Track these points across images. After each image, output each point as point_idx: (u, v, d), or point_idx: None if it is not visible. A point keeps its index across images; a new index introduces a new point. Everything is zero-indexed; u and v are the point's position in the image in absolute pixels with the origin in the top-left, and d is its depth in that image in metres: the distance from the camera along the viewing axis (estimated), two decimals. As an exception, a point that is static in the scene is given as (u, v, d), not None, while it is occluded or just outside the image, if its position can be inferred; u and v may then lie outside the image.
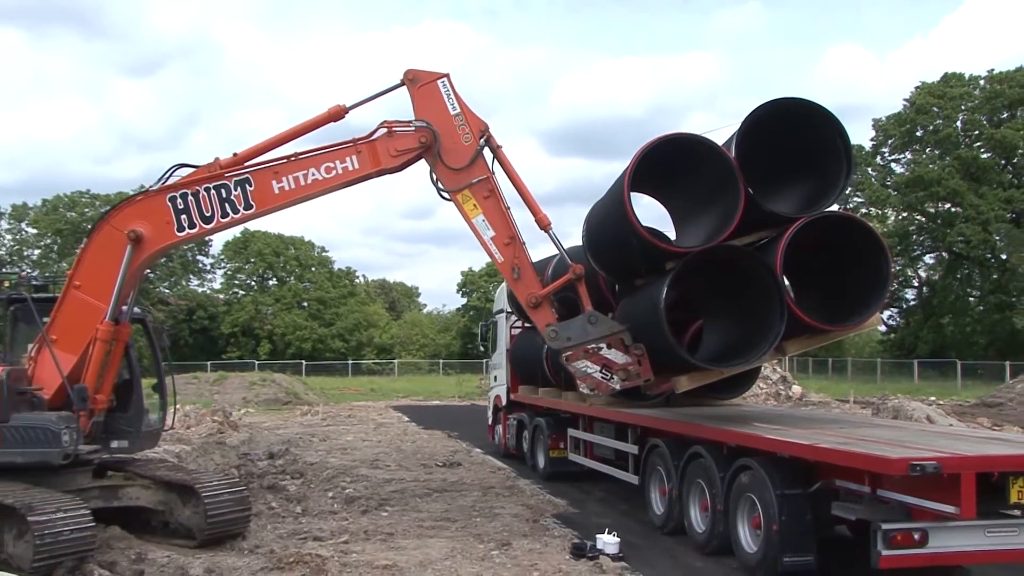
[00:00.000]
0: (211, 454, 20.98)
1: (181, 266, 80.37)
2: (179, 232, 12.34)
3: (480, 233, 12.14)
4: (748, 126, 11.73)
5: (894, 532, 9.03)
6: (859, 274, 12.18)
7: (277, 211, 12.61)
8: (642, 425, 14.24)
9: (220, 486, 12.82)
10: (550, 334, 11.95)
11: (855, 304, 12.24)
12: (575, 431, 17.56)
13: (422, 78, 12.28)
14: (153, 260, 13.13)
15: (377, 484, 17.82)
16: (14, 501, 10.84)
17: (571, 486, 17.65)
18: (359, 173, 12.32)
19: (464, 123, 12.20)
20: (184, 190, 12.24)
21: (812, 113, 11.90)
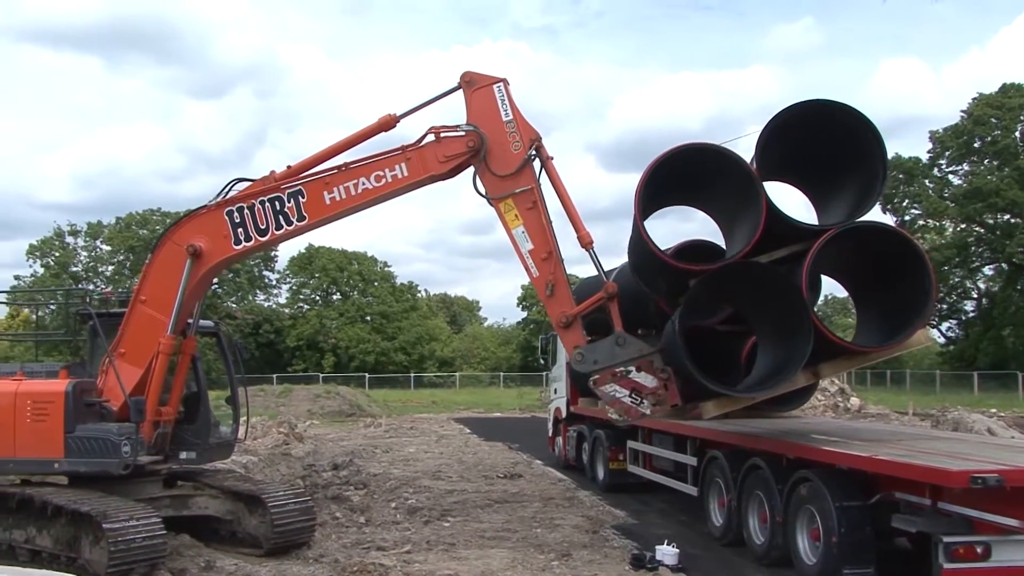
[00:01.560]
0: (277, 465, 21.32)
1: (248, 281, 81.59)
2: (236, 245, 12.45)
3: (518, 245, 11.79)
4: (770, 133, 11.00)
5: (956, 545, 8.97)
6: (902, 290, 11.34)
7: (330, 222, 12.58)
8: (701, 437, 14.26)
9: (286, 496, 13.05)
10: (576, 357, 11.52)
11: (898, 323, 11.41)
12: (634, 443, 17.59)
13: (478, 81, 12.04)
14: (213, 274, 13.23)
15: (439, 495, 17.98)
16: (90, 509, 11.19)
17: (631, 497, 17.67)
18: (408, 180, 12.13)
19: (515, 130, 11.89)
20: (240, 204, 12.36)
21: (842, 116, 11.13)
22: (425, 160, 12.08)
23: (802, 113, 11.00)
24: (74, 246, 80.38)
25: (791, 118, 10.96)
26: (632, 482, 18.06)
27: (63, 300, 21.32)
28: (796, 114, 10.99)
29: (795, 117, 10.99)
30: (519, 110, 12.00)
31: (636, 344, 11.45)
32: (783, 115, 10.95)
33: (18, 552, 12.33)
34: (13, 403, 12.60)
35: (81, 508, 11.31)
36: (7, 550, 12.50)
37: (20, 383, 12.88)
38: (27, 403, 12.54)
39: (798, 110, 10.98)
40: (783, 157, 11.47)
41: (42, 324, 46.05)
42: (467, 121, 12.03)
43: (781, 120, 10.95)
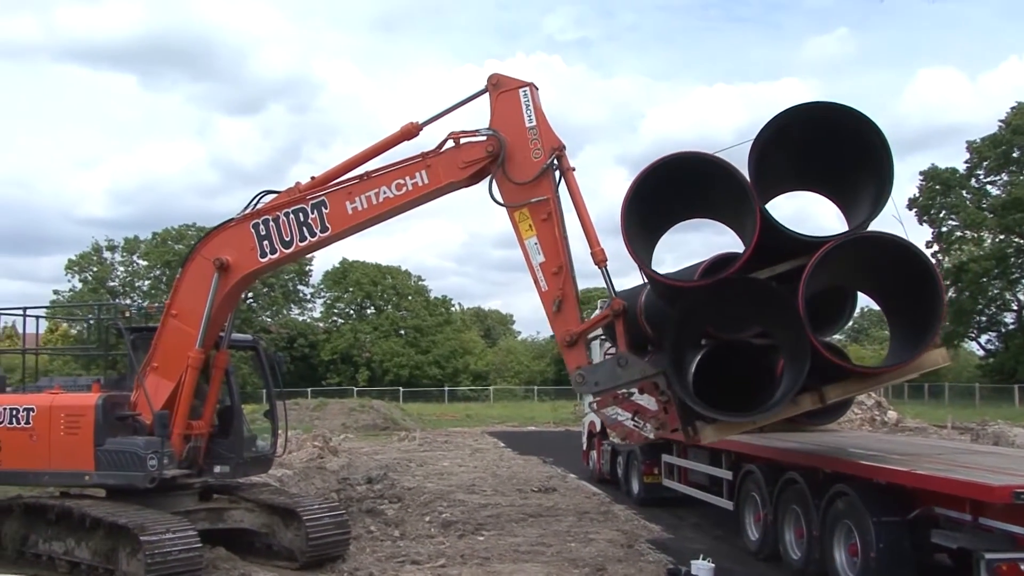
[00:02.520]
0: (312, 479, 21.38)
1: (283, 295, 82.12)
2: (262, 258, 12.42)
3: (530, 257, 11.29)
4: (766, 138, 10.11)
5: (999, 562, 8.81)
6: (919, 305, 10.47)
7: (352, 232, 12.46)
8: (736, 451, 14.17)
9: (321, 510, 13.10)
10: (576, 378, 10.97)
11: (915, 340, 10.48)
12: (669, 457, 17.51)
13: (505, 84, 11.59)
14: (241, 287, 13.18)
15: (473, 509, 17.98)
16: (127, 521, 11.30)
17: (665, 511, 17.59)
18: (429, 188, 11.82)
19: (537, 137, 11.40)
20: (266, 216, 12.33)
21: (841, 117, 10.12)
22: (445, 167, 11.76)
23: (799, 118, 10.15)
24: (111, 261, 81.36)
25: (788, 124, 10.15)
26: (667, 496, 17.96)
27: (96, 315, 21.55)
28: (793, 119, 10.14)
29: (792, 122, 10.15)
30: (545, 117, 11.56)
31: (639, 365, 10.87)
32: (777, 121, 10.11)
33: (57, 564, 12.47)
34: (48, 416, 12.84)
35: (119, 520, 11.42)
36: (47, 561, 12.65)
37: (55, 397, 13.09)
38: (61, 416, 12.76)
39: (793, 114, 10.13)
40: (792, 164, 10.83)
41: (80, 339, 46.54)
42: (490, 125, 11.63)
43: (776, 127, 10.11)
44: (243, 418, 13.87)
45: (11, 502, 13.36)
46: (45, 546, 12.66)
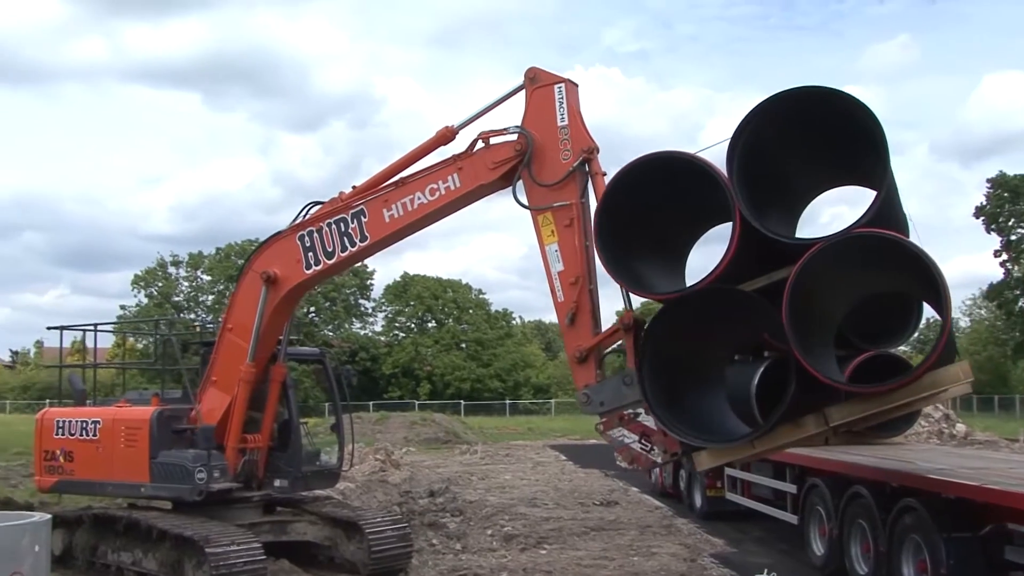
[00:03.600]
0: (374, 492, 21.50)
1: (344, 309, 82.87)
2: (307, 270, 12.34)
3: (549, 264, 10.58)
4: (744, 131, 9.08)
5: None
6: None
7: (391, 242, 12.25)
8: (800, 464, 13.99)
9: (383, 523, 13.16)
10: (581, 398, 10.34)
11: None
12: (732, 470, 17.33)
13: (541, 79, 10.87)
14: (291, 300, 13.09)
15: (535, 522, 17.95)
16: (193, 533, 11.47)
17: (729, 525, 17.42)
18: (461, 191, 11.33)
19: (568, 138, 10.63)
20: (311, 227, 12.25)
21: (830, 106, 8.88)
22: (476, 168, 11.21)
23: (786, 107, 8.99)
24: (176, 276, 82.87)
25: (770, 115, 9.03)
26: (730, 510, 17.78)
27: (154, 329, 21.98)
28: (778, 107, 9.00)
29: (778, 114, 9.04)
30: (580, 117, 10.85)
31: None
32: (759, 112, 9.03)
33: (125, 574, 12.72)
34: (111, 429, 13.24)
35: (184, 532, 11.60)
36: (115, 571, 12.89)
37: (118, 411, 13.47)
38: (121, 429, 13.09)
39: (779, 103, 8.97)
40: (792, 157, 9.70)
41: (145, 353, 47.32)
42: (522, 122, 10.97)
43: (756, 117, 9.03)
44: (302, 432, 13.91)
45: (81, 513, 13.69)
46: (114, 556, 12.93)
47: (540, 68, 10.97)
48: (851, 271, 9.30)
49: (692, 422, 9.64)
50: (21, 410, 76.92)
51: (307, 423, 14.69)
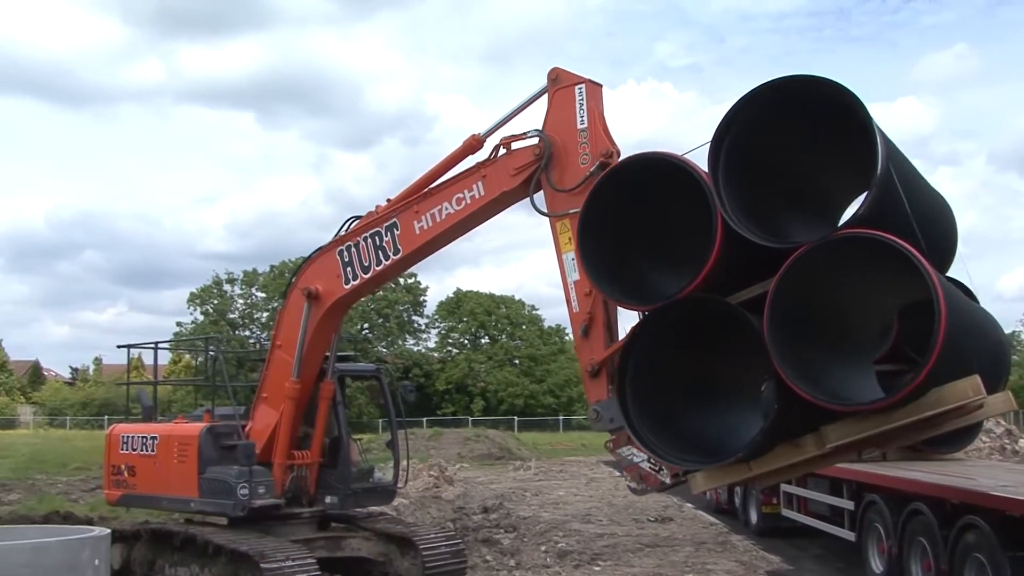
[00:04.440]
0: (428, 508, 21.55)
1: (397, 326, 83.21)
2: (346, 285, 12.24)
3: (565, 273, 10.03)
4: (727, 128, 8.26)
5: None
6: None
7: (423, 254, 11.98)
8: (858, 480, 13.79)
9: (437, 539, 13.16)
10: (591, 414, 9.77)
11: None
12: (788, 486, 17.14)
13: (564, 80, 10.29)
14: (333, 316, 12.90)
15: (589, 538, 17.87)
16: (248, 549, 11.55)
17: (785, 542, 17.21)
18: (486, 199, 10.87)
19: (587, 141, 10.03)
20: (349, 242, 12.15)
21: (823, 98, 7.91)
22: (499, 175, 10.75)
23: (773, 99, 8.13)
24: (231, 294, 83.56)
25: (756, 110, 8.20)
26: (786, 526, 17.57)
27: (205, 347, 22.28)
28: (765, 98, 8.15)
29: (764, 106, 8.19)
30: (601, 119, 10.20)
31: None
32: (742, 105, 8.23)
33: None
34: (166, 445, 13.49)
35: (240, 548, 11.69)
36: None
37: (173, 427, 13.78)
38: (175, 445, 13.31)
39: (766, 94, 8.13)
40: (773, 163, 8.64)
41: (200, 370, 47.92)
42: (543, 125, 10.43)
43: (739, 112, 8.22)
44: (351, 448, 13.92)
45: (139, 528, 13.88)
46: (171, 571, 13.08)
47: (562, 69, 10.42)
48: (852, 276, 8.20)
49: (683, 442, 8.84)
50: (81, 426, 78.21)
51: (361, 440, 14.73)
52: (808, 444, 8.48)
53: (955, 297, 8.17)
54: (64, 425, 79.28)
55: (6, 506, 23.48)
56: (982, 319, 9.54)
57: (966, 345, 7.81)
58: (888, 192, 7.60)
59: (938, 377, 7.45)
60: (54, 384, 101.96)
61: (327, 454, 13.58)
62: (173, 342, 44.73)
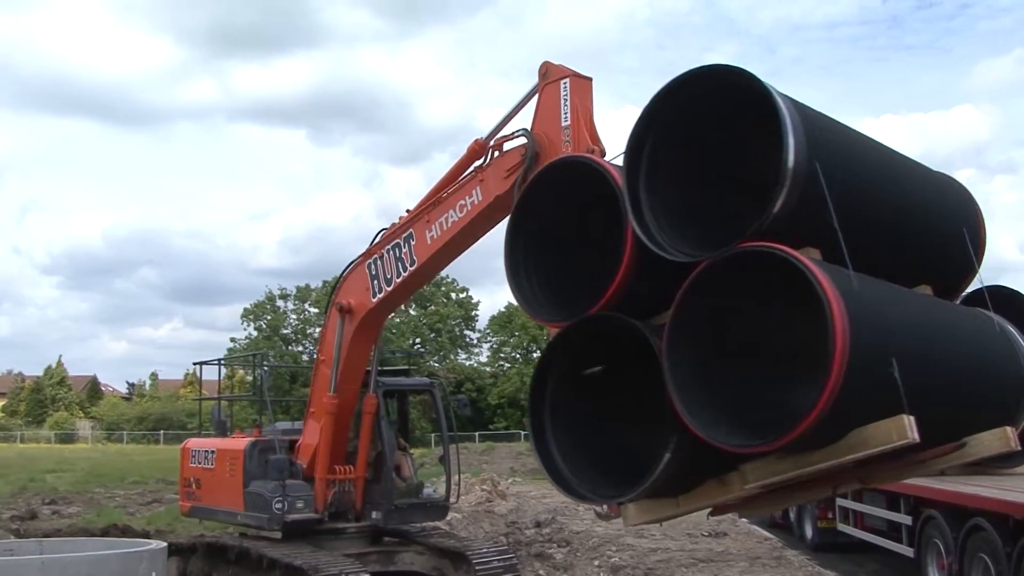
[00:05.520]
0: (480, 522, 21.53)
1: (449, 341, 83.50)
2: (373, 298, 12.11)
3: None
4: (645, 131, 6.80)
5: None
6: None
7: (437, 264, 11.64)
8: (915, 495, 13.57)
9: (490, 553, 13.13)
10: None
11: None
12: (844, 500, 16.93)
13: (552, 74, 9.35)
14: (366, 330, 12.71)
15: (642, 553, 17.73)
16: (302, 563, 11.64)
17: (842, 557, 16.98)
18: (484, 204, 10.21)
19: (569, 140, 9.09)
20: (375, 255, 11.99)
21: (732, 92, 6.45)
22: (493, 178, 10.05)
23: (685, 96, 6.71)
24: (284, 309, 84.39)
25: (671, 107, 6.79)
26: (843, 541, 17.35)
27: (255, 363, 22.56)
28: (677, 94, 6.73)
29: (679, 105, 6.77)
30: (588, 116, 9.24)
31: None
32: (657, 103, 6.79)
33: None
34: (220, 459, 13.83)
35: (294, 562, 11.77)
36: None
37: (226, 441, 14.03)
38: (227, 459, 13.57)
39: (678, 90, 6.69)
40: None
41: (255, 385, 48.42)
42: (532, 122, 9.64)
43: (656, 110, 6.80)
44: (403, 463, 13.92)
45: (194, 541, 14.07)
46: (226, 584, 13.23)
47: (552, 62, 9.51)
48: (768, 292, 6.50)
49: (602, 474, 7.49)
50: (137, 440, 79.31)
51: (413, 454, 14.75)
52: (734, 482, 7.09)
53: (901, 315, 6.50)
54: (121, 439, 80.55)
55: (66, 519, 23.83)
56: (977, 345, 7.25)
57: (927, 376, 6.25)
58: (809, 188, 6.11)
59: (861, 415, 5.90)
60: (111, 399, 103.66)
61: (372, 469, 13.61)
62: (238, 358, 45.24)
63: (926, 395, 6.03)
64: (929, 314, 6.93)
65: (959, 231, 7.53)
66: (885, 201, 6.88)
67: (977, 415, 6.86)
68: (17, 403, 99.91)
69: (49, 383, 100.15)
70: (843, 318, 5.52)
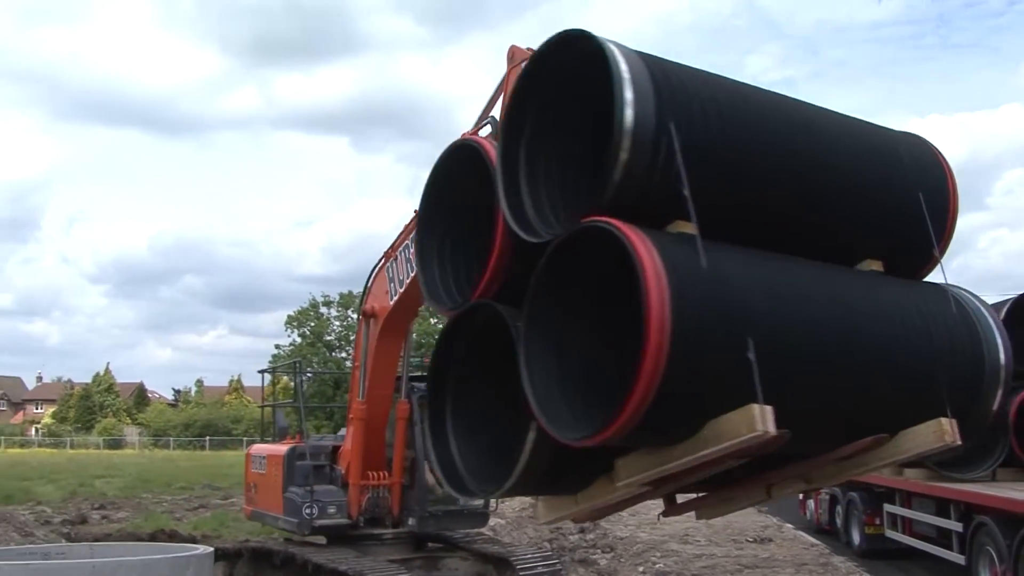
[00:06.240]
0: (524, 528, 21.51)
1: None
2: (390, 300, 11.99)
3: None
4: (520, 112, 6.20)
5: None
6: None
7: None
8: (966, 501, 13.39)
9: (534, 559, 13.10)
10: None
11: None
12: (892, 506, 16.75)
13: (517, 57, 8.09)
14: (390, 334, 12.58)
15: (687, 560, 17.65)
16: (347, 568, 11.69)
17: (889, 564, 16.81)
18: None
19: None
20: (392, 256, 11.89)
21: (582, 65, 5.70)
22: None
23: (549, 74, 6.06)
24: (327, 316, 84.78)
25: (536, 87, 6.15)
26: (891, 548, 17.16)
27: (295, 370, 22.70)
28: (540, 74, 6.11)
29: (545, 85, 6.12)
30: None
31: None
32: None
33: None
34: (270, 464, 13.93)
35: (340, 567, 11.81)
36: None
37: (274, 447, 14.16)
38: (274, 464, 13.72)
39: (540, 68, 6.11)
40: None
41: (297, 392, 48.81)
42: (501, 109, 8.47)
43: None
44: (424, 470, 13.88)
45: (240, 546, 14.21)
46: (270, 589, 13.34)
47: (518, 46, 8.46)
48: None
49: (495, 464, 6.75)
50: (183, 447, 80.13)
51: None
52: (615, 484, 6.36)
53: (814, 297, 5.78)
54: (167, 445, 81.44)
55: (115, 523, 24.11)
56: (908, 327, 6.19)
57: (810, 362, 5.60)
58: (667, 152, 5.37)
59: (718, 404, 5.23)
60: (158, 405, 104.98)
61: (408, 475, 13.56)
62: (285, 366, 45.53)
63: (807, 383, 5.49)
64: (827, 292, 5.89)
65: (915, 197, 6.46)
66: (793, 166, 5.98)
67: (908, 406, 6.04)
68: (67, 409, 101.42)
69: (97, 390, 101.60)
70: (661, 295, 4.83)
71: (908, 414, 5.97)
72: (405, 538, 13.41)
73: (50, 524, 22.87)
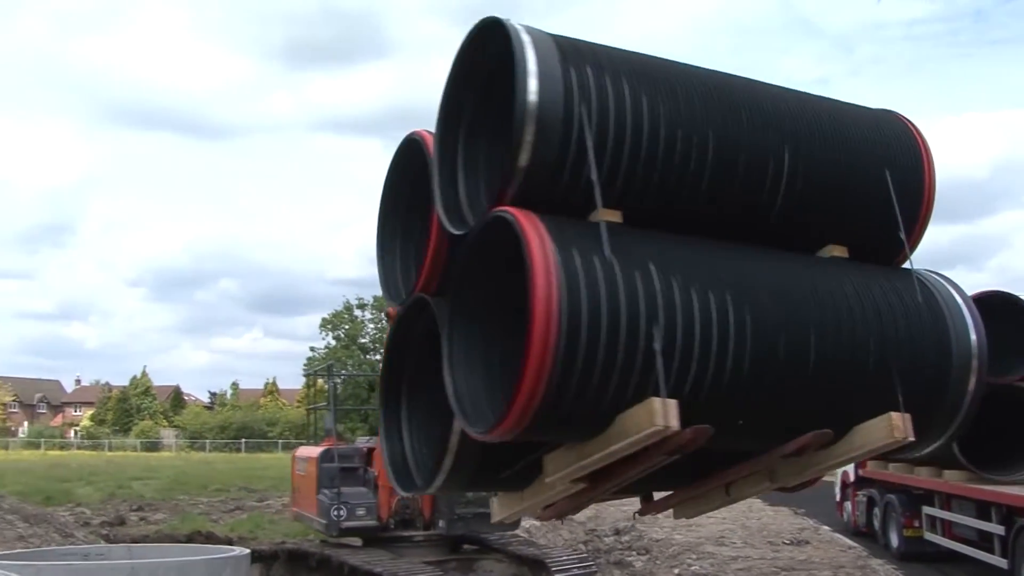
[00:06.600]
0: (559, 530, 21.47)
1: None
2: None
3: None
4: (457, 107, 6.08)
5: None
6: None
7: None
8: (1008, 503, 13.21)
9: (569, 561, 13.10)
10: None
11: None
12: (931, 508, 16.57)
13: None
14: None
15: (723, 562, 17.55)
16: (383, 571, 11.72)
17: (929, 567, 16.63)
18: None
19: None
20: None
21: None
22: None
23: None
24: (362, 319, 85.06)
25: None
26: (930, 551, 16.97)
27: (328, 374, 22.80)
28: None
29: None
30: None
31: None
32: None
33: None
34: (307, 466, 14.16)
35: (375, 569, 11.85)
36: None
37: (312, 449, 14.32)
38: (310, 467, 13.93)
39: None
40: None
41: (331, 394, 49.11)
42: None
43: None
44: None
45: (276, 548, 14.31)
46: (305, 591, 13.43)
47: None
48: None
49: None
50: (219, 449, 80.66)
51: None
52: (541, 485, 6.19)
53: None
54: (204, 448, 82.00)
55: (153, 525, 24.33)
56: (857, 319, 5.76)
57: (735, 354, 5.23)
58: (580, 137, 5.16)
59: (624, 397, 4.97)
60: (194, 408, 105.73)
61: None
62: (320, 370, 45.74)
63: (731, 376, 5.17)
64: (760, 281, 5.53)
65: (881, 175, 6.10)
66: (733, 149, 5.63)
67: (857, 401, 5.68)
68: (104, 412, 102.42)
69: (134, 393, 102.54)
70: (548, 288, 4.65)
71: (859, 409, 5.62)
72: (439, 540, 13.45)
73: (89, 525, 23.11)
